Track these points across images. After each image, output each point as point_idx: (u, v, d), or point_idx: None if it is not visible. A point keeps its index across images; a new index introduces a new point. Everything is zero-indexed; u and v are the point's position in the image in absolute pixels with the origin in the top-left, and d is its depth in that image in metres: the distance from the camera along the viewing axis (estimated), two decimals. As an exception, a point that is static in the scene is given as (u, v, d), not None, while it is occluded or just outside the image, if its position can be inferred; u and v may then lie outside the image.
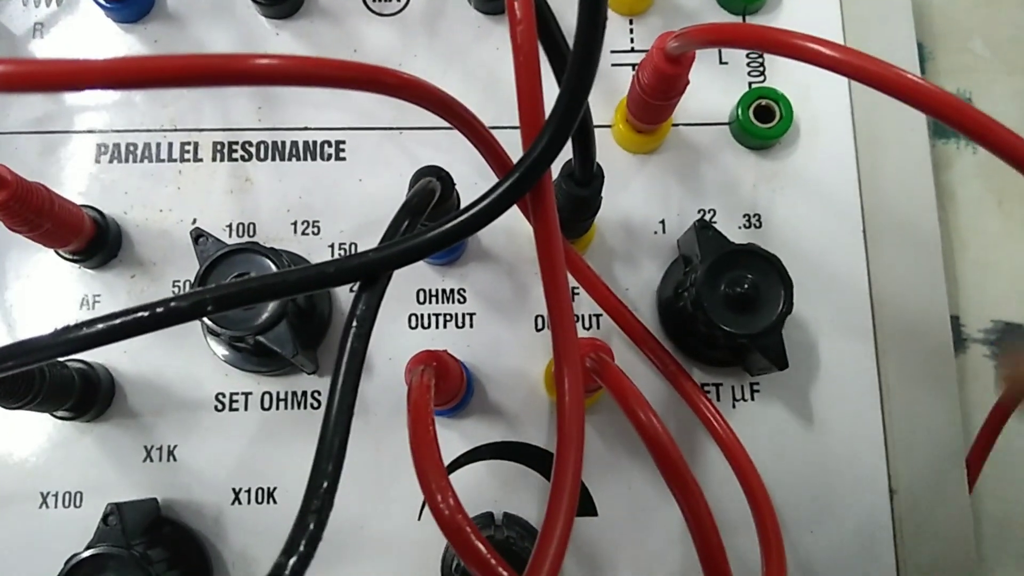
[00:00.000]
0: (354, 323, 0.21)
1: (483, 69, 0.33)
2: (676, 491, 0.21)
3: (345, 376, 0.20)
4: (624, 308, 0.30)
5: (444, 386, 0.26)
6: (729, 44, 0.30)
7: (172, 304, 0.19)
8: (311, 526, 0.18)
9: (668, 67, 0.26)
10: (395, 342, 0.31)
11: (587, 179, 0.25)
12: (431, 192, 0.24)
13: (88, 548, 0.25)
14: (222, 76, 0.19)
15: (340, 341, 0.20)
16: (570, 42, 0.22)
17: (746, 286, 0.27)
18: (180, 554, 0.28)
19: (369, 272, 0.21)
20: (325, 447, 0.19)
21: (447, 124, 0.23)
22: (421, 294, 0.31)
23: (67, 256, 0.30)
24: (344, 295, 0.31)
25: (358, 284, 0.21)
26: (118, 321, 0.19)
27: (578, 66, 0.20)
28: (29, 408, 0.26)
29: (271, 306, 0.27)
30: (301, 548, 0.18)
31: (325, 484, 0.19)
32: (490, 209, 0.20)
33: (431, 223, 0.21)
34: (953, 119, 0.20)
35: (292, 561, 0.18)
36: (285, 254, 0.29)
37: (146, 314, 0.19)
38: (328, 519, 0.19)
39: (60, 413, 0.29)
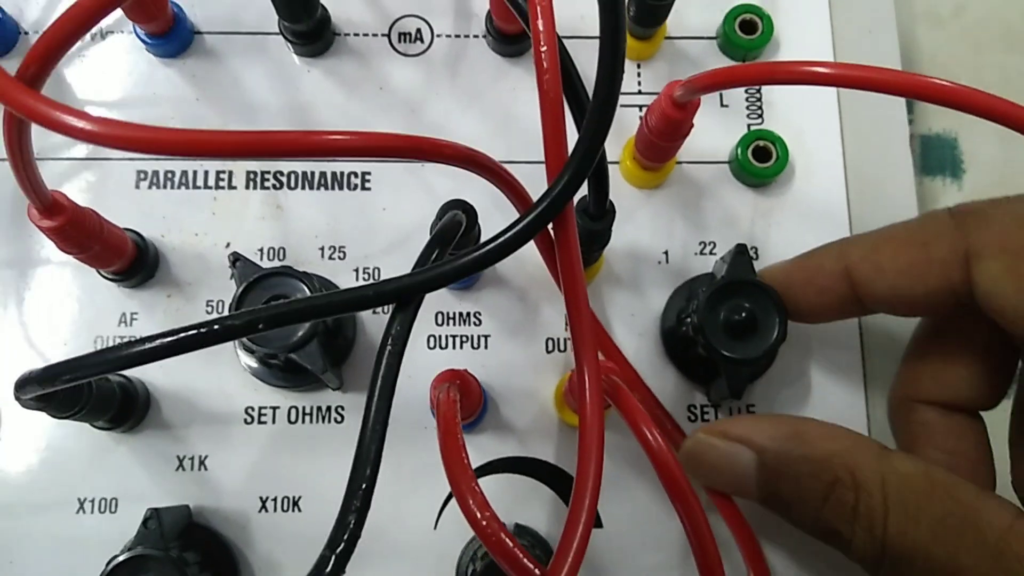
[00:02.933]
0: (389, 341, 0.23)
1: (500, 107, 0.36)
2: (679, 507, 0.23)
3: (381, 389, 0.22)
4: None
5: (465, 403, 0.28)
6: (729, 85, 0.32)
7: (227, 322, 0.21)
8: (351, 524, 0.20)
9: (675, 112, 0.29)
10: (414, 362, 0.33)
11: (601, 214, 0.27)
12: (458, 224, 0.26)
13: (129, 549, 0.27)
14: (303, 150, 0.21)
15: (376, 357, 0.23)
16: (588, 90, 0.24)
17: (744, 314, 0.29)
18: (211, 558, 0.29)
19: (403, 295, 0.23)
20: (363, 453, 0.21)
21: None
22: (439, 316, 0.33)
23: (108, 275, 0.32)
24: (369, 319, 0.33)
25: (393, 306, 0.23)
26: (179, 337, 0.21)
27: (599, 111, 0.22)
28: (75, 418, 0.28)
29: (305, 326, 0.29)
30: (342, 544, 0.20)
31: (364, 486, 0.21)
32: (519, 236, 0.22)
33: (458, 252, 0.23)
34: (942, 98, 0.22)
35: (335, 554, 0.19)
36: (316, 277, 0.31)
37: (204, 330, 0.21)
38: (366, 519, 0.20)
39: (99, 424, 0.31)
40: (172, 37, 0.35)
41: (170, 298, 0.33)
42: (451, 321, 0.33)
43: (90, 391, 0.28)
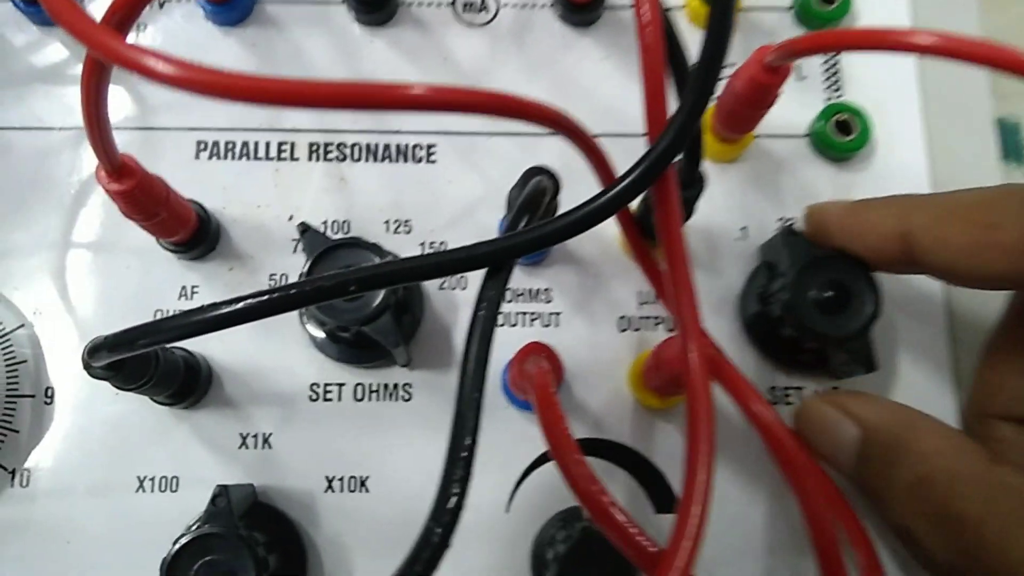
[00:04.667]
0: (483, 303, 0.21)
1: (567, 79, 0.35)
2: (792, 480, 0.21)
3: (478, 352, 0.21)
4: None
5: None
6: (829, 50, 0.31)
7: (319, 283, 0.20)
8: (455, 494, 0.19)
9: (766, 77, 0.27)
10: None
11: (691, 181, 0.26)
12: (544, 190, 0.25)
13: (198, 527, 0.26)
14: (384, 102, 0.20)
15: (470, 322, 0.21)
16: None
17: (836, 290, 0.28)
18: (277, 538, 0.28)
19: (496, 260, 0.22)
20: (461, 420, 0.20)
21: (529, 130, 0.24)
22: (509, 293, 0.32)
23: (169, 246, 0.31)
24: (436, 297, 0.32)
25: (485, 271, 0.22)
26: (269, 298, 0.20)
27: (706, 68, 0.21)
28: (140, 391, 0.27)
29: (378, 298, 0.28)
30: (448, 515, 0.19)
31: (465, 454, 0.20)
32: (621, 196, 0.21)
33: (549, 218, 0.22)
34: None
35: (441, 525, 0.18)
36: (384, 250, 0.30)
37: (295, 291, 0.20)
38: (468, 489, 0.19)
39: (161, 399, 0.30)
40: (233, 5, 0.34)
41: (232, 271, 0.32)
42: (521, 298, 0.32)
43: (157, 362, 0.27)
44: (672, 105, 0.23)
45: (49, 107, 0.33)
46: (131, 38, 0.33)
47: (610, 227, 0.28)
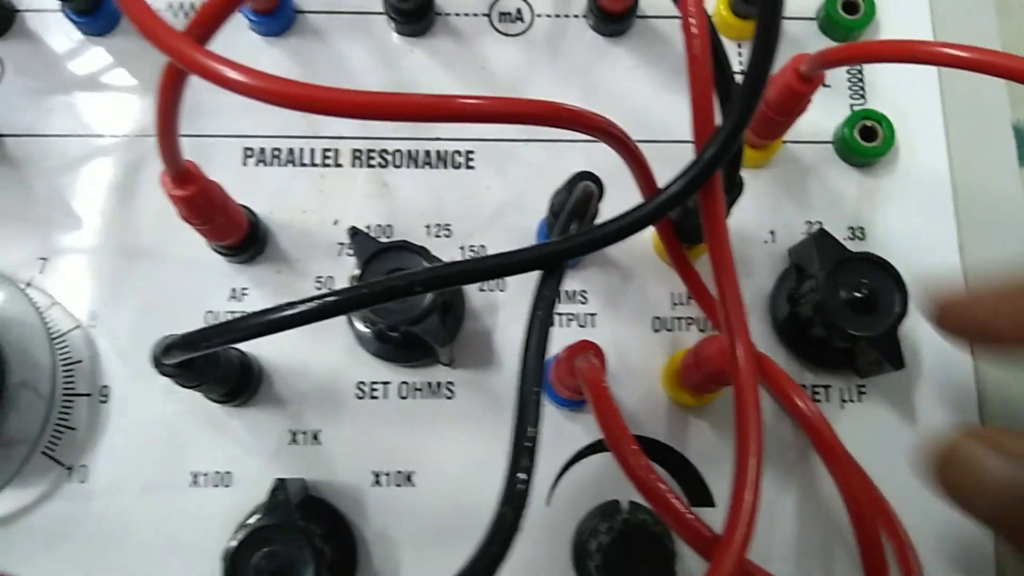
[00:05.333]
0: (540, 303, 0.23)
1: (600, 87, 0.36)
2: (834, 470, 0.23)
3: (537, 348, 0.22)
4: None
5: (593, 375, 0.28)
6: (862, 60, 0.32)
7: (388, 283, 0.21)
8: (521, 477, 0.20)
9: (800, 85, 0.28)
10: (520, 339, 0.33)
11: (731, 185, 0.27)
12: (591, 195, 0.26)
13: (260, 519, 0.27)
14: (440, 115, 0.21)
15: (528, 318, 0.23)
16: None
17: (866, 291, 0.29)
18: (331, 530, 0.29)
19: (552, 262, 0.23)
20: (523, 409, 0.21)
21: (562, 137, 0.25)
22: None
23: (219, 250, 0.32)
24: (476, 298, 0.33)
25: (541, 272, 0.23)
26: (343, 297, 0.21)
27: (752, 82, 0.22)
28: (199, 388, 0.28)
29: (426, 299, 0.29)
30: (515, 500, 0.20)
31: (528, 444, 0.21)
32: (670, 201, 0.22)
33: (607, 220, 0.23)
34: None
35: (512, 508, 0.19)
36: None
37: (367, 291, 0.21)
38: (533, 472, 0.20)
39: (216, 397, 0.31)
40: (277, 15, 0.35)
41: (279, 273, 0.33)
42: (557, 299, 0.33)
43: (217, 360, 0.28)
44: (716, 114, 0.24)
45: (97, 115, 0.35)
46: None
47: (644, 230, 0.29)
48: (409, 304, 0.29)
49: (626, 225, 0.22)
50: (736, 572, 0.19)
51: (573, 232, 0.24)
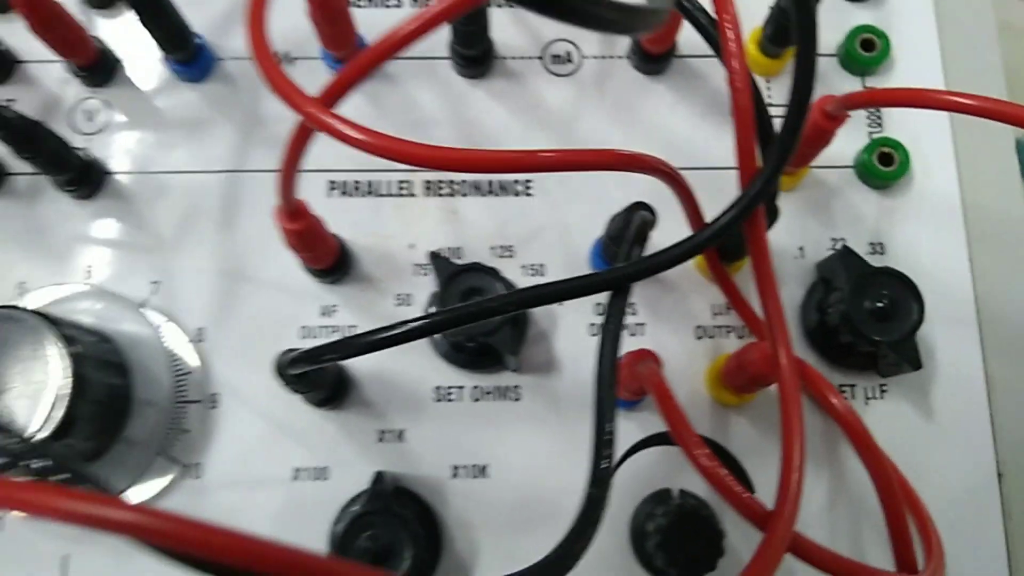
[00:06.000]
0: (612, 317, 0.27)
1: (644, 121, 0.40)
2: (863, 453, 0.27)
3: (610, 353, 0.26)
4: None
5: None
6: (883, 105, 0.36)
7: (487, 304, 0.26)
8: (604, 465, 0.24)
9: (826, 123, 0.33)
10: (578, 347, 0.37)
11: (769, 213, 0.31)
12: (648, 223, 0.30)
13: (362, 507, 0.31)
14: (520, 167, 0.25)
15: (601, 333, 0.27)
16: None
17: (887, 301, 0.33)
18: (420, 517, 0.34)
19: (620, 283, 0.27)
20: (601, 407, 0.25)
21: None
22: (599, 307, 0.38)
23: (313, 272, 0.37)
24: (538, 311, 0.37)
25: (611, 292, 0.27)
26: (448, 316, 0.25)
27: (790, 131, 0.26)
28: (304, 394, 0.33)
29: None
30: (601, 482, 0.24)
31: (607, 437, 0.25)
32: (720, 231, 0.26)
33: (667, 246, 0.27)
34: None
35: (592, 492, 0.24)
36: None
37: (473, 310, 0.25)
38: (613, 461, 0.25)
39: (315, 401, 0.35)
40: (355, 62, 0.39)
41: (364, 292, 0.37)
42: (570, 299, 0.37)
43: (327, 370, 0.32)
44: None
45: (199, 154, 0.39)
46: (266, 96, 0.39)
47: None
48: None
49: (683, 252, 0.27)
50: (787, 538, 0.23)
51: (636, 257, 0.28)
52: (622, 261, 0.29)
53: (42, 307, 0.34)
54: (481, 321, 0.32)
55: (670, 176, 0.29)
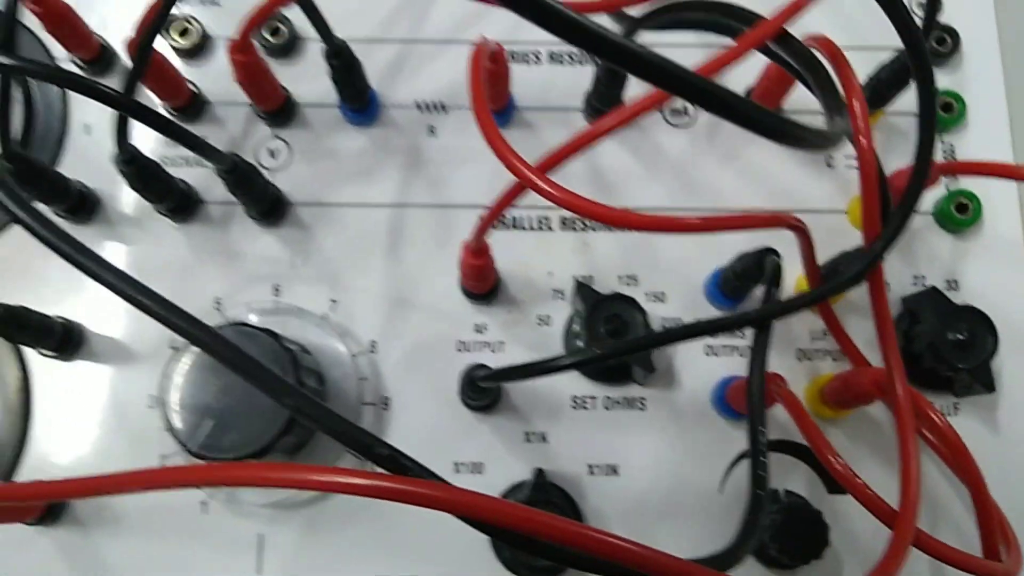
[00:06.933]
0: (758, 348, 0.33)
1: (752, 166, 0.46)
2: (960, 461, 0.33)
3: (759, 378, 0.32)
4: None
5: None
6: (964, 174, 0.43)
7: (672, 330, 0.32)
8: (762, 468, 0.30)
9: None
10: (695, 364, 0.43)
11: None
12: (779, 266, 0.36)
13: (528, 496, 0.38)
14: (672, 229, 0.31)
15: (749, 364, 0.33)
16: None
17: (967, 333, 0.39)
18: (570, 509, 0.40)
19: (763, 320, 0.33)
20: (753, 418, 0.31)
21: (727, 207, 0.36)
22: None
23: (469, 294, 0.43)
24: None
25: (756, 328, 0.33)
26: (621, 346, 0.31)
27: (910, 201, 0.32)
28: (475, 402, 0.39)
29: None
30: (763, 484, 0.30)
31: (761, 447, 0.31)
32: (850, 281, 0.32)
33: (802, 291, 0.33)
34: None
35: (759, 492, 0.30)
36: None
37: (644, 341, 0.32)
38: (769, 466, 0.31)
39: (476, 406, 0.41)
40: (503, 113, 0.45)
41: (510, 313, 0.44)
42: (723, 334, 0.44)
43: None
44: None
45: (367, 189, 0.45)
46: (425, 140, 0.45)
47: (789, 280, 0.39)
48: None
49: (818, 296, 0.33)
50: (912, 534, 0.29)
51: (774, 298, 0.35)
52: (764, 303, 0.35)
53: (256, 323, 0.40)
54: (647, 349, 0.38)
55: (801, 230, 0.35)
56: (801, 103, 0.43)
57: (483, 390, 0.36)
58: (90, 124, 0.46)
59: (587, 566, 0.23)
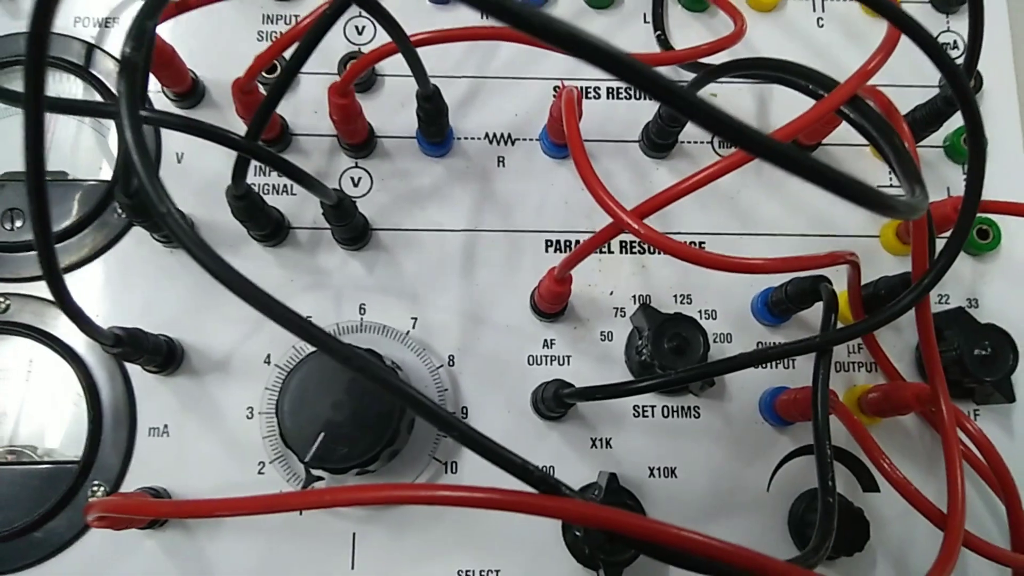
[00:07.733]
0: (820, 371, 0.37)
1: (793, 193, 0.50)
2: (992, 463, 0.37)
3: (822, 398, 0.37)
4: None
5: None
6: (993, 213, 0.47)
7: (746, 355, 0.36)
8: (830, 474, 0.35)
9: (953, 215, 0.43)
10: (744, 377, 0.47)
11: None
12: (833, 294, 0.41)
13: (605, 496, 0.42)
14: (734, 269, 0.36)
15: (812, 387, 0.37)
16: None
17: (991, 349, 0.44)
18: (637, 509, 0.44)
19: (825, 347, 0.38)
20: (820, 433, 0.36)
21: (775, 232, 0.40)
22: (759, 344, 0.48)
23: (539, 315, 0.47)
24: (713, 348, 0.48)
25: (818, 353, 0.38)
26: (696, 371, 0.36)
27: (954, 248, 0.37)
28: (552, 414, 0.43)
29: (699, 354, 0.43)
30: (832, 492, 0.34)
31: (827, 460, 0.35)
32: (900, 311, 0.37)
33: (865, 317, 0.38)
34: None
35: (829, 500, 0.34)
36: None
37: (722, 367, 0.36)
38: (834, 471, 0.35)
39: (549, 416, 0.45)
40: (563, 147, 0.49)
41: (575, 329, 0.48)
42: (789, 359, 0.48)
43: (572, 397, 0.43)
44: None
45: (442, 215, 0.49)
46: (496, 169, 0.49)
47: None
48: (688, 357, 0.44)
49: (871, 325, 0.37)
50: (961, 535, 0.33)
51: (833, 326, 0.39)
52: (823, 331, 0.39)
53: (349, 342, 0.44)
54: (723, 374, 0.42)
55: (855, 264, 0.39)
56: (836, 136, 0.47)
57: (566, 405, 0.41)
58: (181, 152, 0.49)
59: (704, 568, 0.27)
